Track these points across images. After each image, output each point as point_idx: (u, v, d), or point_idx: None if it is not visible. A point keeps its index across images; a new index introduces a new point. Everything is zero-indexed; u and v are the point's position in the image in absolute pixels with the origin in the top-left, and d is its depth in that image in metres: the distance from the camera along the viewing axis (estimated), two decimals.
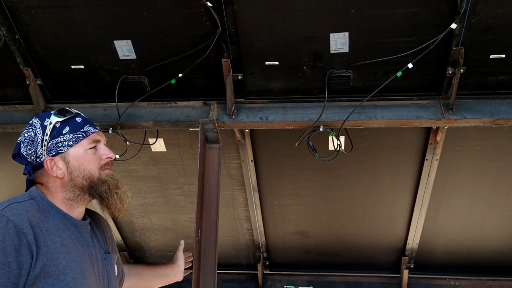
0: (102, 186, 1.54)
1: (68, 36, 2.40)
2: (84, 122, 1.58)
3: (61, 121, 1.53)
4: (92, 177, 1.54)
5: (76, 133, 1.54)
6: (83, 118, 1.59)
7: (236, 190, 3.17)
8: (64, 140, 1.52)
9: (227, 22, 2.24)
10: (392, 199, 3.08)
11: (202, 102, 2.58)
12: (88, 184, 1.53)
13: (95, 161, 1.55)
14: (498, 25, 2.12)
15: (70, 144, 1.52)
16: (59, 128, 1.53)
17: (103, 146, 1.59)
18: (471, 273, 3.44)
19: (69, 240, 1.47)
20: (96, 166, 1.55)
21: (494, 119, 2.31)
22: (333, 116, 2.44)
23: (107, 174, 1.57)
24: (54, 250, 1.39)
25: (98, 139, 1.59)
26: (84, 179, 1.53)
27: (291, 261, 3.62)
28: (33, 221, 1.38)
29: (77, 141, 1.53)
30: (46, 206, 1.48)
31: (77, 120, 1.57)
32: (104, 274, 1.59)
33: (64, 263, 1.40)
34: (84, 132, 1.55)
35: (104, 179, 1.55)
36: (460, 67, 2.19)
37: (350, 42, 2.27)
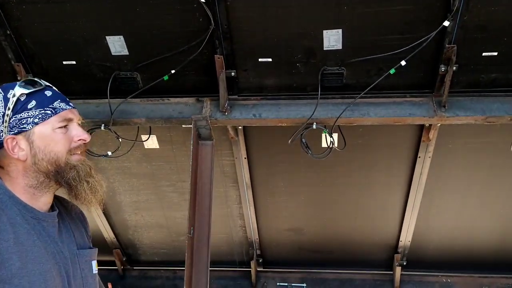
0: (70, 173, 1.32)
1: (59, 31, 2.38)
2: (55, 97, 1.35)
3: (26, 93, 1.30)
4: (59, 161, 1.32)
5: (44, 109, 1.31)
6: (54, 91, 1.36)
7: (229, 187, 3.16)
8: (28, 116, 1.29)
9: (220, 18, 2.23)
10: (385, 196, 3.09)
11: (195, 98, 2.57)
12: (54, 169, 1.31)
13: (64, 143, 1.33)
14: (491, 23, 2.13)
15: (35, 121, 1.30)
16: (24, 101, 1.30)
17: (75, 126, 1.36)
18: (463, 270, 3.46)
19: (27, 236, 1.25)
20: (65, 148, 1.33)
21: (486, 116, 2.32)
22: (326, 113, 2.44)
23: (77, 159, 1.35)
24: (5, 250, 1.19)
25: (71, 117, 1.35)
26: (49, 163, 1.31)
27: (284, 258, 3.62)
28: None
29: (44, 118, 1.30)
30: (1, 195, 1.27)
31: (46, 94, 1.33)
32: (77, 273, 1.38)
33: (18, 264, 1.20)
34: (53, 108, 1.32)
35: (73, 164, 1.33)
36: (452, 64, 2.19)
37: (343, 39, 2.26)
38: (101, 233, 3.55)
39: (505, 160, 2.74)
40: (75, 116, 1.37)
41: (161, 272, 3.78)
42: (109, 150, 2.74)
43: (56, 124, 1.32)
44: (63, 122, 1.33)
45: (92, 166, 1.39)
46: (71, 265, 1.36)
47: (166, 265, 3.76)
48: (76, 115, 1.38)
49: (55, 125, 1.32)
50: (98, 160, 3.00)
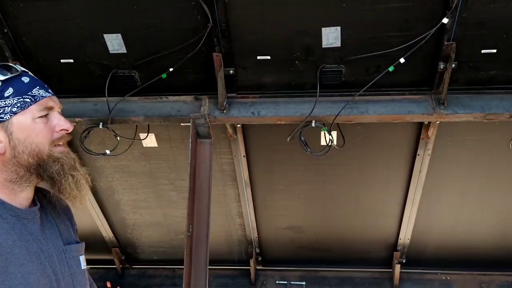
0: (54, 166, 1.22)
1: (57, 29, 2.37)
2: (33, 83, 1.24)
3: (2, 80, 1.20)
4: (41, 154, 1.22)
5: (23, 97, 1.20)
6: (31, 77, 1.25)
7: (228, 186, 3.16)
8: (6, 105, 1.19)
9: (218, 16, 2.22)
10: (384, 194, 3.09)
11: (193, 97, 2.56)
12: (35, 162, 1.21)
13: (46, 134, 1.23)
14: (490, 20, 2.12)
15: (13, 111, 1.19)
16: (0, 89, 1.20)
17: (57, 114, 1.26)
18: (462, 268, 3.46)
19: (6, 236, 1.15)
20: (47, 139, 1.23)
21: (485, 114, 2.31)
22: (325, 111, 2.44)
23: (60, 151, 1.25)
24: None
25: (51, 105, 1.25)
26: (30, 156, 1.21)
27: (283, 257, 3.62)
28: None
29: (24, 107, 1.20)
30: None
31: (24, 80, 1.23)
32: (65, 270, 1.29)
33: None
34: (32, 95, 1.21)
35: (56, 156, 1.23)
36: (451, 62, 2.18)
37: (342, 37, 2.26)
38: (99, 232, 3.55)
39: (504, 158, 2.74)
40: (55, 104, 1.27)
41: (160, 271, 3.78)
42: (107, 148, 2.73)
43: (36, 113, 1.22)
44: (44, 111, 1.23)
45: (76, 159, 1.30)
46: (58, 262, 1.27)
47: (165, 263, 3.75)
48: (57, 103, 1.28)
49: (35, 114, 1.22)
50: (96, 158, 3.00)
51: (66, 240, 1.33)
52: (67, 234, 1.36)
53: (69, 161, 1.26)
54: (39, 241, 1.23)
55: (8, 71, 1.22)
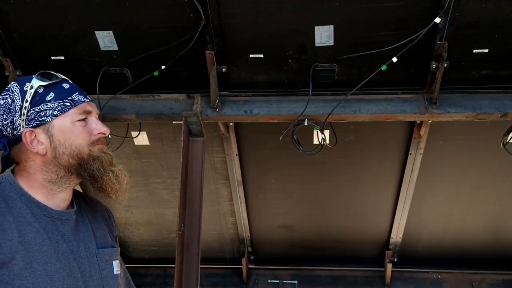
0: (94, 164, 1.26)
1: (48, 26, 2.34)
2: (73, 89, 1.31)
3: (44, 85, 1.26)
4: (81, 154, 1.26)
5: (63, 101, 1.26)
6: (71, 84, 1.32)
7: (220, 184, 3.15)
8: (47, 108, 1.25)
9: (211, 14, 2.21)
10: (376, 193, 3.09)
11: (185, 94, 2.55)
12: (76, 162, 1.26)
13: (84, 136, 1.28)
14: (482, 20, 2.13)
15: (55, 114, 1.25)
16: (42, 94, 1.25)
17: (94, 119, 1.32)
18: (453, 267, 3.48)
19: (35, 235, 1.19)
20: (86, 141, 1.28)
21: (477, 113, 2.33)
22: (318, 110, 2.43)
23: (99, 149, 1.30)
24: (8, 249, 1.13)
25: (89, 110, 1.31)
26: (71, 157, 1.26)
27: (276, 255, 3.62)
28: None
29: (64, 111, 1.25)
30: (12, 193, 1.22)
31: (64, 86, 1.29)
32: (95, 273, 1.30)
33: (21, 264, 1.14)
34: (72, 100, 1.27)
35: (96, 155, 1.28)
36: (443, 61, 2.19)
37: (335, 35, 2.25)
38: None
39: (495, 157, 2.75)
40: (93, 109, 1.33)
41: (152, 270, 3.76)
42: None
43: (75, 116, 1.27)
44: (83, 114, 1.29)
45: (113, 155, 1.33)
46: (89, 265, 1.28)
47: (157, 262, 3.73)
48: (95, 108, 1.34)
49: (74, 118, 1.27)
50: None
51: (101, 244, 1.35)
52: (103, 238, 1.38)
53: (107, 158, 1.30)
54: (70, 242, 1.26)
55: (49, 78, 1.28)
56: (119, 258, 1.45)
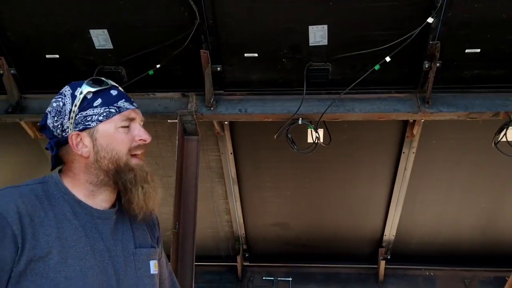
0: (128, 174, 1.31)
1: (43, 25, 2.35)
2: (120, 96, 1.36)
3: (93, 91, 1.32)
4: (119, 161, 1.32)
5: (109, 107, 1.32)
6: (119, 91, 1.38)
7: (215, 183, 3.16)
8: (94, 113, 1.32)
9: (205, 13, 2.22)
10: (369, 191, 3.12)
11: (180, 93, 2.56)
12: (114, 168, 1.32)
13: (126, 142, 1.33)
14: (474, 20, 2.15)
15: (100, 119, 1.31)
16: (90, 99, 1.32)
17: (138, 126, 1.36)
18: (445, 264, 3.52)
19: (73, 232, 1.27)
20: (126, 147, 1.33)
21: (469, 112, 2.35)
22: (312, 109, 2.45)
23: (135, 163, 1.34)
24: (45, 244, 1.20)
25: (133, 117, 1.36)
26: (110, 162, 1.31)
27: (270, 253, 3.64)
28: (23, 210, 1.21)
29: (109, 117, 1.32)
30: (56, 192, 1.30)
31: (112, 93, 1.35)
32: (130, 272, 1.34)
33: (56, 258, 1.20)
34: (118, 107, 1.33)
35: (131, 166, 1.32)
36: (436, 61, 2.22)
37: (329, 35, 2.27)
38: None
39: (487, 156, 2.78)
40: (137, 116, 1.37)
41: None
42: None
43: (119, 123, 1.32)
44: (126, 121, 1.33)
45: (149, 172, 1.36)
46: (124, 263, 1.33)
47: None
48: (139, 115, 1.38)
49: (118, 124, 1.32)
50: None
51: (139, 244, 1.40)
52: (142, 238, 1.43)
53: (142, 173, 1.33)
54: (107, 240, 1.32)
55: (99, 84, 1.34)
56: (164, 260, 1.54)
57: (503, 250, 3.38)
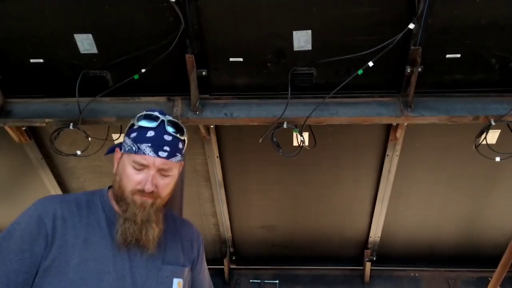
0: (123, 206, 1.43)
1: (27, 29, 2.33)
2: (151, 140, 1.44)
3: (137, 125, 1.48)
4: (123, 192, 1.44)
5: (133, 144, 1.45)
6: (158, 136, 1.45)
7: (202, 186, 3.17)
8: (126, 143, 1.49)
9: (190, 18, 2.23)
10: (354, 193, 3.15)
11: (166, 97, 2.56)
12: (120, 195, 1.45)
13: (130, 182, 1.43)
14: (454, 26, 2.19)
15: (126, 149, 1.47)
16: (132, 130, 1.49)
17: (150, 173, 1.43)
18: (430, 265, 3.57)
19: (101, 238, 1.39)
20: (130, 186, 1.43)
21: (450, 116, 2.40)
22: (297, 113, 2.48)
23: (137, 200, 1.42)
24: (71, 245, 1.34)
25: (146, 164, 1.43)
26: (119, 188, 1.45)
27: (257, 256, 3.66)
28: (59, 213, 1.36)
29: (129, 151, 1.46)
30: (98, 202, 1.47)
31: (147, 134, 1.45)
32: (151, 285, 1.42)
33: (77, 260, 1.33)
34: (139, 148, 1.44)
35: (129, 201, 1.43)
36: (418, 66, 2.25)
37: (313, 40, 2.30)
38: None
39: (468, 159, 2.83)
40: (152, 166, 1.43)
41: None
42: (79, 149, 2.70)
43: (132, 162, 1.44)
44: (137, 164, 1.43)
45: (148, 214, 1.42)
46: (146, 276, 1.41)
47: None
48: (156, 165, 1.43)
49: (131, 162, 1.44)
50: (67, 159, 2.97)
51: (168, 261, 1.49)
52: (173, 256, 1.52)
53: (134, 210, 1.42)
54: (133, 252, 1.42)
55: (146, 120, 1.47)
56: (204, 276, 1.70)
57: (485, 251, 3.44)
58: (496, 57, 2.29)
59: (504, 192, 3.09)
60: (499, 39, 2.22)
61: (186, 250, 1.59)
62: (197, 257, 1.67)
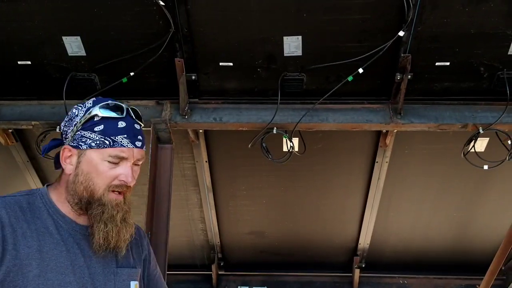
0: (96, 209, 1.29)
1: (14, 31, 2.30)
2: (124, 131, 1.31)
3: (101, 116, 1.30)
4: (93, 192, 1.29)
5: (105, 138, 1.29)
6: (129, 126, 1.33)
7: (190, 191, 3.14)
8: (89, 137, 1.29)
9: (180, 22, 2.21)
10: (344, 200, 3.15)
11: (155, 101, 2.54)
12: (87, 197, 1.29)
13: (106, 178, 1.30)
14: (443, 34, 2.20)
15: (91, 145, 1.29)
16: (95, 122, 1.30)
17: (127, 165, 1.31)
18: (419, 272, 3.57)
19: (54, 246, 1.25)
20: (104, 183, 1.30)
21: (439, 124, 2.40)
22: (286, 118, 2.47)
23: (111, 199, 1.30)
24: (25, 256, 1.19)
25: (125, 156, 1.31)
26: (85, 190, 1.29)
27: (245, 262, 3.63)
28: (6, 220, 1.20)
29: (100, 146, 1.29)
30: (41, 204, 1.30)
31: (119, 125, 1.31)
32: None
33: (35, 271, 1.19)
34: (113, 140, 1.29)
35: (104, 202, 1.29)
36: (407, 73, 2.26)
37: (303, 46, 2.29)
38: None
39: (457, 166, 2.84)
40: (131, 157, 1.32)
41: None
42: None
43: (107, 157, 1.29)
44: (115, 158, 1.30)
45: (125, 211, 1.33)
46: (104, 282, 1.31)
47: None
48: (136, 155, 1.34)
49: (105, 158, 1.29)
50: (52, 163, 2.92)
51: (121, 264, 1.38)
52: (124, 258, 1.40)
53: (112, 211, 1.30)
54: (88, 257, 1.30)
55: (113, 111, 1.32)
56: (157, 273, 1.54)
57: (474, 258, 3.45)
58: (485, 66, 2.30)
59: (492, 199, 3.10)
60: (487, 48, 2.23)
61: (135, 250, 1.47)
62: (148, 252, 1.55)
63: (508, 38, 2.19)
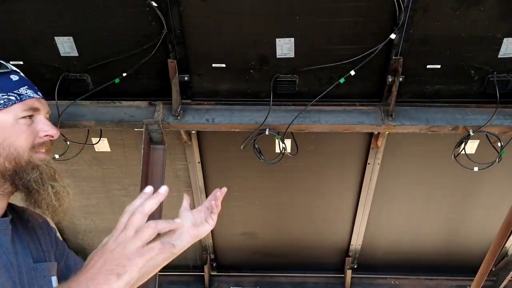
0: (32, 173, 1.09)
1: (6, 31, 2.29)
2: (22, 83, 1.16)
3: None
4: (19, 158, 1.08)
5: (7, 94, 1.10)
6: (21, 77, 1.18)
7: (183, 192, 3.12)
8: None
9: (173, 23, 2.21)
10: (336, 201, 3.16)
11: (147, 102, 2.54)
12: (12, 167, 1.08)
13: (28, 137, 1.10)
14: (434, 37, 2.22)
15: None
16: None
17: (43, 118, 1.16)
18: (410, 273, 3.59)
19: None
20: (28, 143, 1.10)
21: (430, 126, 2.42)
22: (279, 120, 2.48)
23: (41, 158, 1.12)
24: None
25: (37, 107, 1.15)
26: (7, 160, 1.07)
27: (238, 262, 3.64)
28: None
29: (7, 105, 1.09)
30: None
31: (12, 78, 1.15)
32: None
33: None
34: (19, 94, 1.12)
35: (36, 163, 1.10)
36: (399, 75, 2.27)
37: (295, 48, 2.30)
38: None
39: (448, 167, 2.86)
40: (42, 107, 1.17)
41: None
42: (57, 152, 2.66)
43: (20, 113, 1.11)
44: (29, 111, 1.12)
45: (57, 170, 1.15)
46: (27, 280, 1.11)
47: None
48: (45, 107, 1.18)
49: (18, 114, 1.10)
50: None
51: (36, 258, 1.18)
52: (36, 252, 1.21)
53: (49, 170, 1.13)
54: (10, 254, 1.09)
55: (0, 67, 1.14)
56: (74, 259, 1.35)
57: (465, 259, 3.48)
58: (475, 69, 2.33)
59: (483, 200, 3.13)
60: (478, 51, 2.25)
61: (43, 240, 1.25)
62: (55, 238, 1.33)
63: (498, 41, 2.21)
